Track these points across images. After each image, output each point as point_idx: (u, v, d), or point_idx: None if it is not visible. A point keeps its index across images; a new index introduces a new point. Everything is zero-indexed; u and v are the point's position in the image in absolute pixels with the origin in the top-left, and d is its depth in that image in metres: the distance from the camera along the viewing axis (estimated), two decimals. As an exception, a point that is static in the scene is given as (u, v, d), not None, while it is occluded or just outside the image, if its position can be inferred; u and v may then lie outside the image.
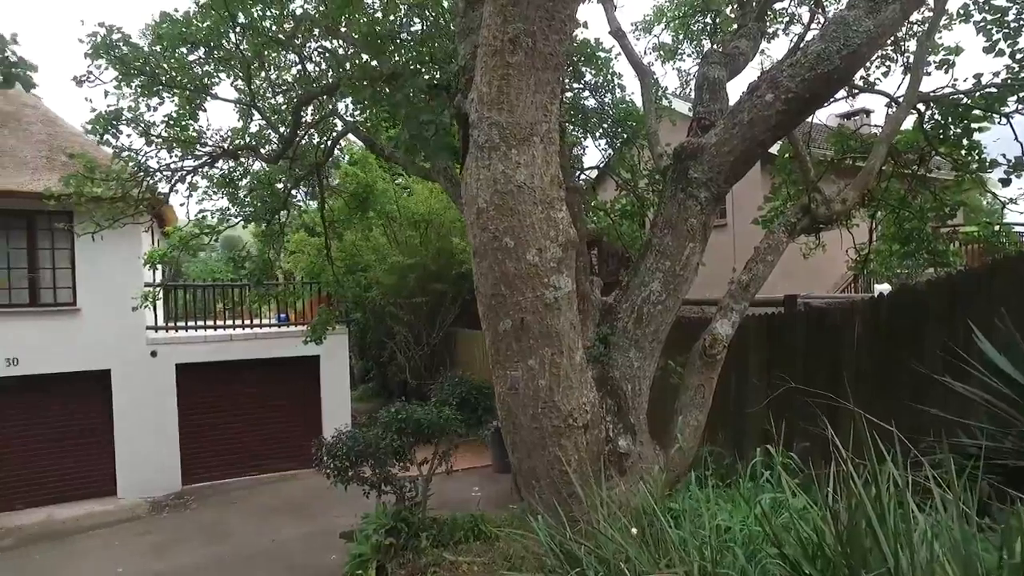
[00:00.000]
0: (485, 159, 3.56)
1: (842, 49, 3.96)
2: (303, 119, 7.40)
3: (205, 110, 8.37)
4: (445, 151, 4.59)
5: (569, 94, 8.69)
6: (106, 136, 6.51)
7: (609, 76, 8.37)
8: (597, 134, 8.94)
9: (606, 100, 8.54)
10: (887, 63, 7.86)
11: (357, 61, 5.32)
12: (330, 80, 6.51)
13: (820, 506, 2.41)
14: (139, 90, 6.46)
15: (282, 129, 8.05)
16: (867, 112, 16.71)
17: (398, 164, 7.62)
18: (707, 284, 7.03)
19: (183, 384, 13.37)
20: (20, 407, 12.36)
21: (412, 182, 17.07)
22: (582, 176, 9.83)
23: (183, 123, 6.90)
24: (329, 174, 11.70)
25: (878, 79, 7.96)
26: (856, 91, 7.36)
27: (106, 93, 6.30)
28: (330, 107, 7.72)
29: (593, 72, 8.37)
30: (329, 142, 8.64)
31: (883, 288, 10.40)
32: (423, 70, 5.28)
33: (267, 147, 8.02)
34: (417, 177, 10.04)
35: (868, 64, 7.49)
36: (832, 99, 5.97)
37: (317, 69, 7.49)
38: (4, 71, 4.16)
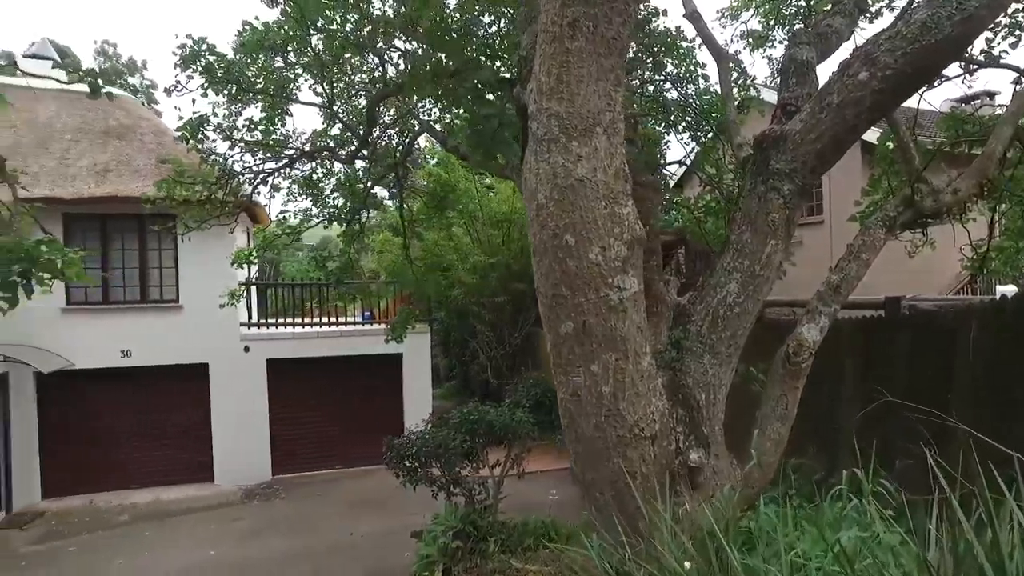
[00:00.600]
0: (544, 152, 3.37)
1: (954, 14, 3.46)
2: (379, 119, 7.46)
3: (291, 114, 8.64)
4: (506, 145, 4.44)
5: (651, 87, 8.35)
6: (192, 141, 6.82)
7: (692, 67, 7.96)
8: (680, 127, 8.53)
9: (689, 92, 8.13)
10: (1016, 32, 6.81)
11: (431, 59, 5.26)
12: (399, 79, 6.51)
13: (917, 547, 2.05)
14: (224, 97, 6.72)
15: (361, 131, 8.19)
16: (990, 95, 14.70)
17: (471, 162, 7.55)
18: (801, 285, 6.52)
19: (273, 378, 13.96)
20: (133, 395, 13.30)
21: (496, 181, 17.10)
22: (664, 172, 9.43)
23: (265, 127, 7.13)
24: (410, 174, 11.84)
25: (1004, 52, 6.90)
26: (975, 66, 6.40)
27: (193, 101, 6.62)
28: (405, 107, 7.76)
29: (675, 63, 7.98)
30: (406, 142, 8.69)
31: (1007, 290, 9.38)
32: (489, 63, 5.15)
33: (347, 148, 8.15)
34: (493, 175, 9.97)
35: (991, 32, 6.53)
36: (942, 77, 5.35)
37: (395, 70, 7.54)
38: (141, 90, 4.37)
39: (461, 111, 4.52)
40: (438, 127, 8.05)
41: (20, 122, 13.79)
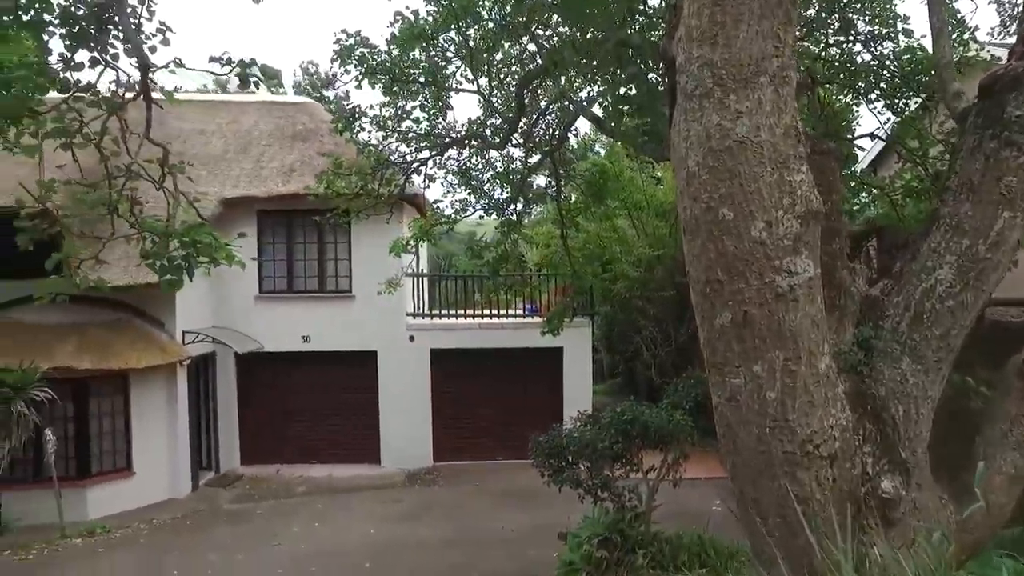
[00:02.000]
0: (695, 110, 2.84)
1: None
2: (530, 103, 7.21)
3: (449, 106, 8.68)
4: (651, 109, 3.93)
5: (836, 50, 7.26)
6: (347, 132, 7.04)
7: (890, 20, 6.76)
8: (872, 96, 7.32)
9: (884, 52, 6.93)
10: None
11: (575, 29, 4.89)
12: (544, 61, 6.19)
13: None
14: (379, 88, 6.86)
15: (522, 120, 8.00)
16: None
17: (629, 144, 7.04)
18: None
19: (436, 368, 14.38)
20: (312, 378, 14.40)
21: (664, 168, 16.29)
22: (852, 146, 8.19)
23: (419, 116, 7.19)
24: (569, 161, 11.50)
25: None
26: None
27: (347, 93, 6.84)
28: (559, 90, 7.44)
29: (867, 19, 6.84)
30: (562, 127, 8.38)
31: None
32: (634, 24, 4.64)
33: (499, 136, 8.02)
34: (651, 159, 9.32)
35: None
36: None
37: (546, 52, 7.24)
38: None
39: (607, 74, 4.09)
40: (599, 111, 7.62)
41: (229, 131, 15.44)
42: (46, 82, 4.42)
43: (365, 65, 6.59)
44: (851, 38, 6.97)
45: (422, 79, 7.06)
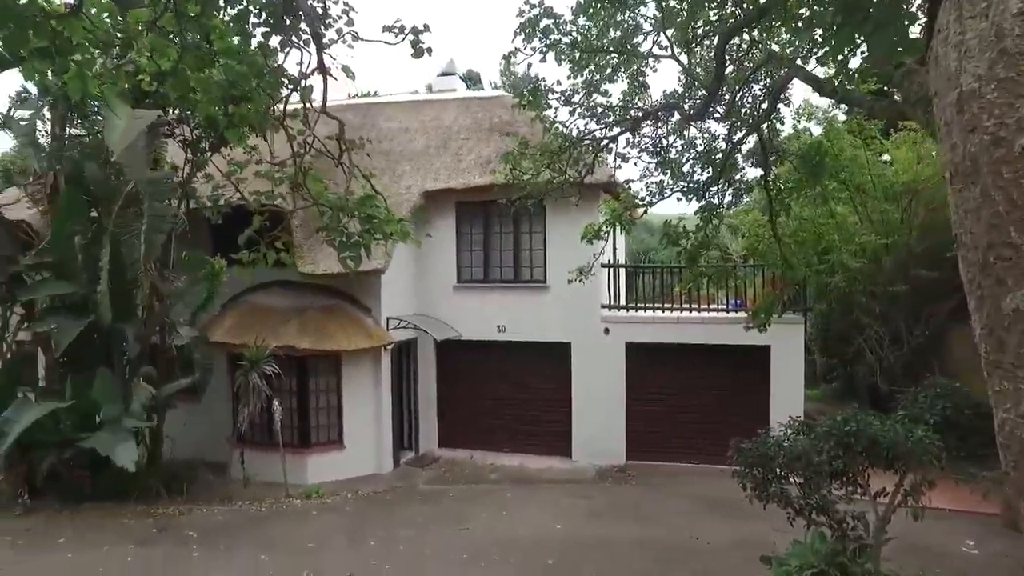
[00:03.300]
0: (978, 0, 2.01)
1: None
2: (735, 69, 6.33)
3: (645, 77, 8.02)
4: (891, 28, 3.00)
5: None
6: (531, 107, 6.72)
7: None
8: None
9: None
10: None
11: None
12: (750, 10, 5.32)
13: None
14: (564, 60, 6.46)
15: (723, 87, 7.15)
16: None
17: (855, 105, 5.88)
18: None
19: (631, 362, 13.78)
20: (506, 368, 14.58)
21: (893, 146, 14.08)
22: None
23: (607, 89, 6.68)
24: (777, 136, 10.21)
25: None
26: None
27: (529, 66, 6.48)
28: (766, 50, 6.45)
29: None
30: (770, 95, 7.34)
31: None
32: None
33: (698, 107, 7.21)
34: (881, 120, 7.83)
35: None
36: None
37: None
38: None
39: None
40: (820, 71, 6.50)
41: (431, 128, 16.22)
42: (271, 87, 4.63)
43: (550, 37, 6.24)
44: None
45: (612, 49, 6.54)
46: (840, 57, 5.31)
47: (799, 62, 6.47)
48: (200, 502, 10.74)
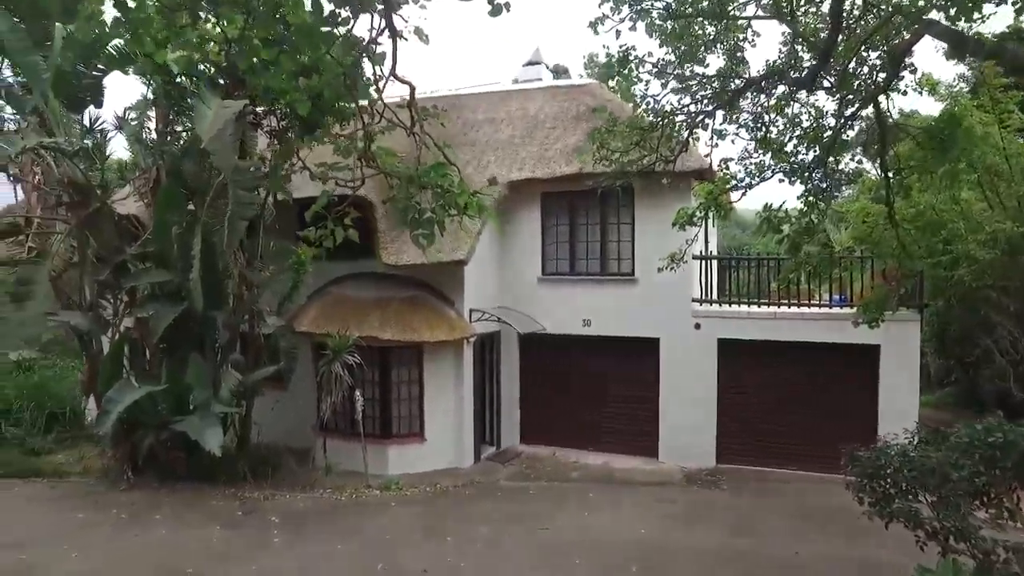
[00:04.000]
0: None
1: None
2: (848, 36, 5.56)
3: (748, 45, 7.28)
4: None
5: None
6: (619, 79, 6.20)
7: None
8: None
9: None
10: None
11: None
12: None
13: None
14: (655, 33, 5.88)
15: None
16: None
17: (1010, 62, 5.01)
18: None
19: (724, 360, 12.94)
20: (591, 363, 14.05)
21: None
22: None
23: (703, 58, 6.04)
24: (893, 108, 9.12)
25: None
26: None
27: (618, 33, 5.91)
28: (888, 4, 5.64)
29: None
30: (892, 59, 6.46)
31: None
32: None
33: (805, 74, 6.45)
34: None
35: None
36: None
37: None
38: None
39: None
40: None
41: (517, 117, 15.93)
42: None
43: (641, 3, 5.69)
44: None
45: (707, 14, 5.91)
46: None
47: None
48: (283, 488, 10.91)
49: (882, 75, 7.14)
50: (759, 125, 7.15)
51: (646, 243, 13.20)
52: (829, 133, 7.70)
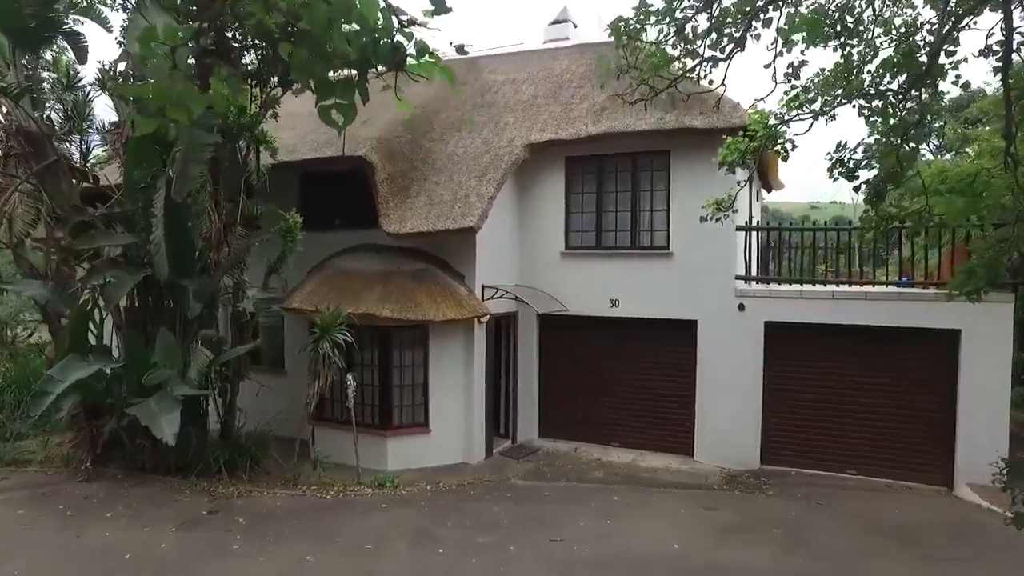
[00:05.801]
0: None
1: None
2: None
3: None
4: None
5: None
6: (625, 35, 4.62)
7: None
8: None
9: None
10: None
11: None
12: None
13: None
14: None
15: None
16: None
17: None
18: None
19: (771, 346, 11.20)
20: (620, 348, 12.41)
21: None
22: None
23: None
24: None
25: None
26: None
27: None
28: None
29: None
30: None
31: None
32: None
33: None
34: None
35: None
36: None
37: None
38: None
39: None
40: None
41: (540, 78, 14.38)
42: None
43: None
44: None
45: None
46: None
47: None
48: (262, 483, 9.56)
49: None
50: (815, 18, 5.37)
51: (683, 213, 11.50)
52: (927, 52, 6.00)
